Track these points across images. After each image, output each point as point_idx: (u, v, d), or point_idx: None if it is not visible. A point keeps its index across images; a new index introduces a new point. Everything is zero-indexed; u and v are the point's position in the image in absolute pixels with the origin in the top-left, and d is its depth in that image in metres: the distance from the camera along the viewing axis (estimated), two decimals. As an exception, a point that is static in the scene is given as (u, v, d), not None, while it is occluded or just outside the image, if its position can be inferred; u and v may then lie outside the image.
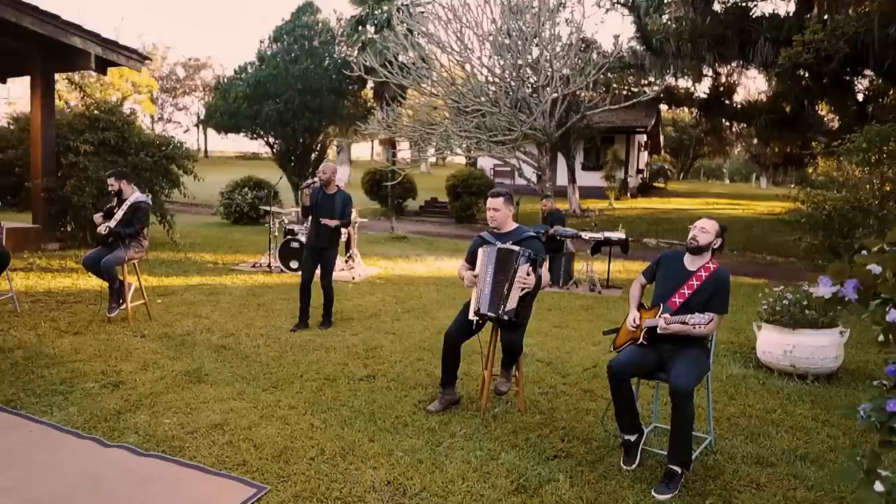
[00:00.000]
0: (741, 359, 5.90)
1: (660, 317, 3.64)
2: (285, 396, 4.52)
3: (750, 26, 22.60)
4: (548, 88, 12.98)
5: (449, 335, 4.38)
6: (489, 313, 4.10)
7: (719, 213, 25.07)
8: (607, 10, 20.73)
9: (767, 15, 22.82)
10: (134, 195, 6.14)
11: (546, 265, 4.32)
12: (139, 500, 3.14)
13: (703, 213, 26.02)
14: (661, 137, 40.97)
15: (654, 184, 38.83)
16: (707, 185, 48.03)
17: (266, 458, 3.59)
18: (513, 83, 12.90)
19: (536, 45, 12.82)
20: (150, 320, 6.37)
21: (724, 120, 30.21)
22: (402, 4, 15.63)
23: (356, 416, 4.23)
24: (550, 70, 12.78)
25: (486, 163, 26.55)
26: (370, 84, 19.55)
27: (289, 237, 9.35)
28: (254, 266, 9.82)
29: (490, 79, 13.58)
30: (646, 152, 37.18)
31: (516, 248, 4.12)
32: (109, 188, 6.10)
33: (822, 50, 11.82)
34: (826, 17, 20.41)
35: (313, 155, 17.89)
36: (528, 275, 4.07)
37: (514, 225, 4.46)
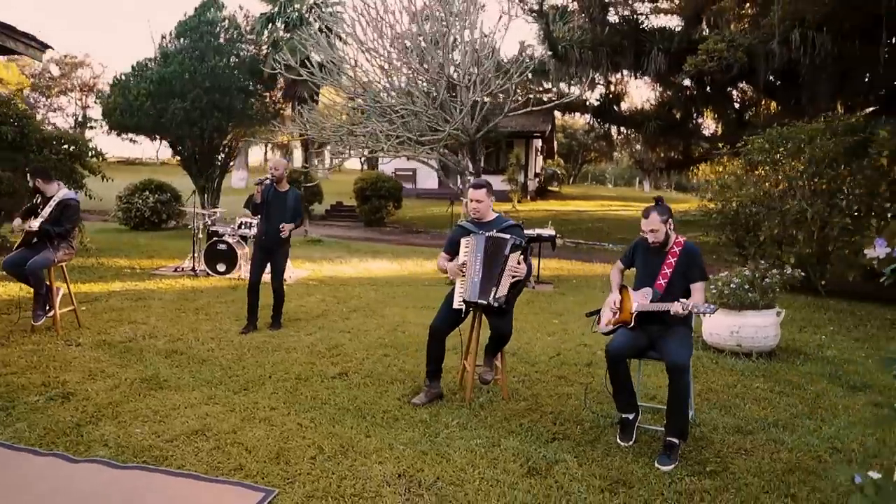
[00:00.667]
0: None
1: (678, 301, 3.64)
2: (261, 398, 4.26)
3: (644, 37, 24.08)
4: (468, 91, 13.15)
5: (435, 328, 4.30)
6: (480, 301, 4.07)
7: (615, 215, 26.49)
8: (515, 16, 21.23)
9: (659, 28, 24.41)
10: (61, 192, 5.56)
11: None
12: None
13: (601, 215, 27.41)
14: (555, 143, 42.67)
15: (549, 187, 40.30)
16: (596, 189, 50.49)
17: (263, 460, 3.35)
18: (429, 85, 12.95)
19: (440, 49, 12.88)
20: (79, 328, 5.79)
21: (614, 126, 31.93)
22: (314, 3, 15.28)
23: (343, 413, 4.05)
24: (471, 73, 12.96)
25: (386, 167, 26.32)
26: (279, 84, 18.92)
27: (215, 239, 8.84)
28: (176, 270, 9.19)
29: (409, 81, 13.56)
30: (541, 157, 38.53)
31: (506, 236, 4.13)
32: (36, 185, 5.48)
33: (724, 59, 12.77)
34: (710, 31, 22.15)
35: (220, 156, 17.03)
36: (518, 263, 4.08)
37: (494, 214, 4.46)
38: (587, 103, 27.87)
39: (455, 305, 4.26)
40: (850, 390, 4.85)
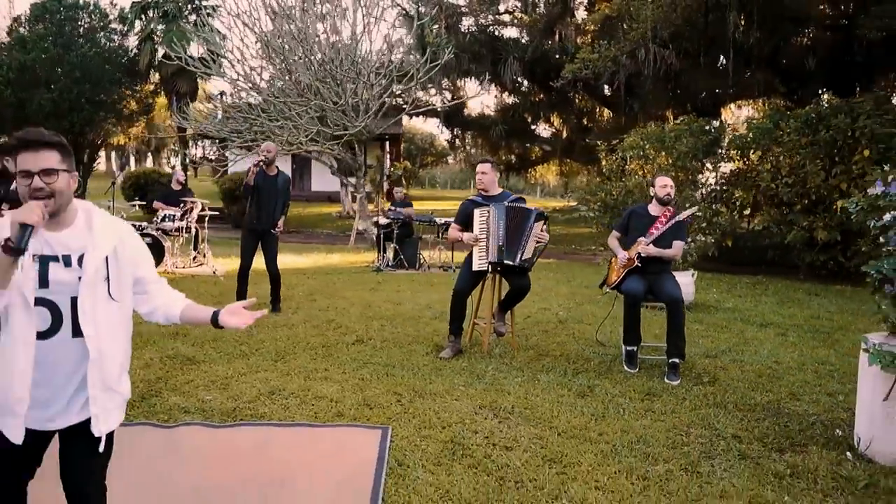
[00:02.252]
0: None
1: (644, 244, 4.52)
2: (303, 363, 4.45)
3: (500, 46, 25.76)
4: (362, 90, 13.44)
5: (459, 289, 4.77)
6: (507, 262, 4.61)
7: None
8: (384, 20, 21.77)
9: (513, 38, 26.27)
10: None
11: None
12: (274, 465, 3.04)
13: (446, 211, 28.83)
14: (402, 146, 43.73)
15: (402, 191, 41.21)
16: (437, 191, 52.40)
17: (353, 408, 3.64)
18: (318, 83, 12.95)
19: (303, 48, 12.77)
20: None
21: (460, 130, 33.55)
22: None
23: (389, 368, 4.40)
24: (362, 74, 13.23)
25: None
26: (154, 78, 17.58)
27: (139, 233, 8.37)
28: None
29: (282, 78, 13.27)
30: (388, 159, 39.32)
31: (530, 207, 4.72)
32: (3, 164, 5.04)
33: (595, 68, 14.36)
34: (560, 44, 24.30)
35: (86, 152, 15.64)
36: (542, 231, 4.69)
37: (499, 189, 5.03)
38: (439, 108, 29.09)
39: (475, 268, 4.76)
40: (759, 327, 6.10)
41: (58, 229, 1.82)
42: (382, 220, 10.35)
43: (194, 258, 9.17)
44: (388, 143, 33.26)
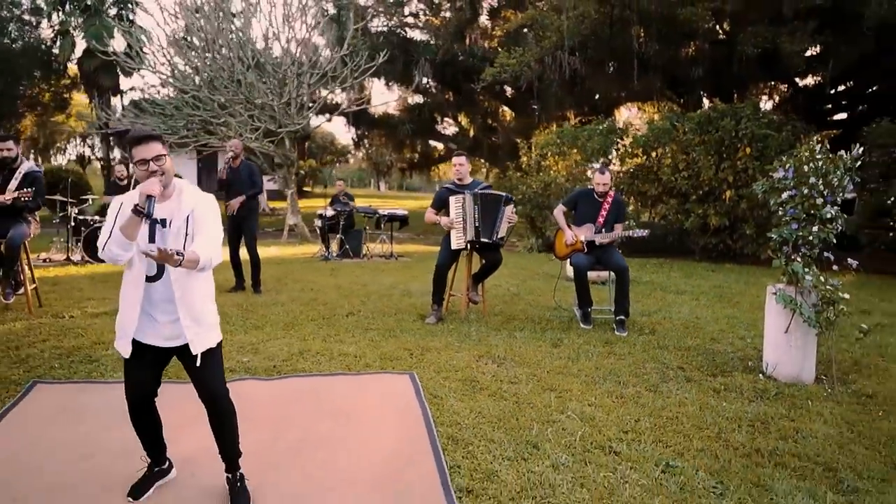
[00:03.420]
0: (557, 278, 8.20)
1: (597, 232, 5.42)
2: (314, 330, 4.98)
3: (412, 48, 26.45)
4: (304, 89, 13.69)
5: (440, 265, 5.46)
6: (484, 239, 5.35)
7: (408, 207, 28.48)
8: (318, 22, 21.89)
9: (424, 41, 27.02)
10: (24, 163, 5.29)
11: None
12: (335, 404, 3.62)
13: (388, 206, 29.36)
14: (305, 144, 43.50)
15: (304, 188, 41.09)
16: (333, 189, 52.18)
17: (376, 360, 4.26)
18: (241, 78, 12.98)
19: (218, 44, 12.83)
20: (40, 307, 5.54)
21: (366, 128, 33.93)
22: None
23: (391, 332, 5.02)
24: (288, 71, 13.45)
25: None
26: (71, 72, 16.63)
27: (95, 226, 8.38)
28: (45, 261, 8.44)
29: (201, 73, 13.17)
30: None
31: (500, 193, 5.47)
32: (4, 154, 5.11)
33: (513, 73, 15.36)
34: (469, 47, 25.31)
35: None
36: (512, 213, 5.45)
37: (471, 179, 5.75)
38: (355, 107, 29.39)
39: (454, 247, 5.46)
40: (676, 294, 7.23)
41: (161, 200, 2.38)
42: (328, 212, 10.78)
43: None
44: (296, 141, 33.02)
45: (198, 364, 2.44)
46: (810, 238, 4.08)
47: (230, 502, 2.52)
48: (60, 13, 16.57)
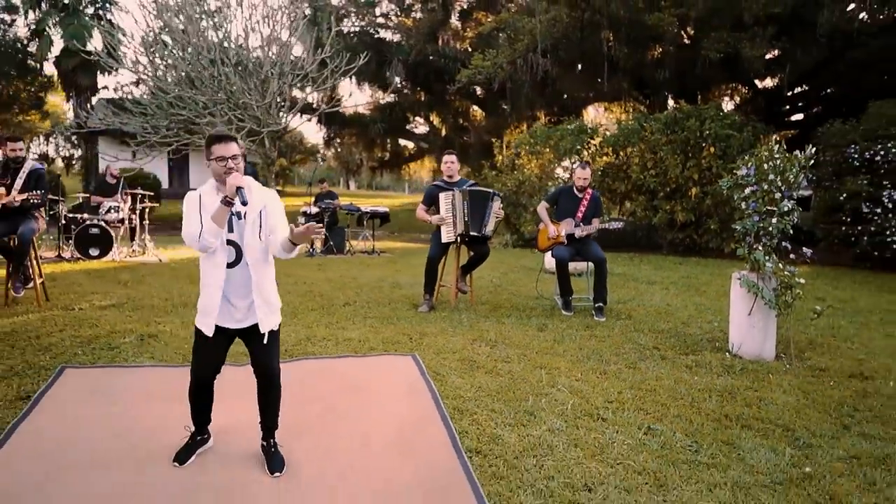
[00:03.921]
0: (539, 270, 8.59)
1: (576, 226, 5.81)
2: (316, 318, 5.25)
3: (385, 49, 26.66)
4: (270, 88, 13.84)
5: (432, 257, 5.79)
6: (474, 233, 5.69)
7: (389, 204, 28.66)
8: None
9: (397, 42, 27.26)
10: (28, 161, 5.44)
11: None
12: (347, 382, 3.92)
13: (362, 204, 29.52)
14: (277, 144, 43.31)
15: (277, 187, 41.01)
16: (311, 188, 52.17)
17: (380, 344, 4.57)
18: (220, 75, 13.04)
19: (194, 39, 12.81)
20: (47, 300, 5.69)
21: (337, 127, 33.95)
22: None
23: (389, 319, 5.33)
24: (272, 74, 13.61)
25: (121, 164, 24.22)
26: (47, 71, 16.38)
27: (86, 224, 8.47)
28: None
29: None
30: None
31: (488, 189, 5.82)
32: (10, 153, 5.25)
33: (487, 74, 15.75)
34: (441, 48, 25.62)
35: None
36: (499, 208, 5.80)
37: (459, 176, 6.08)
38: (319, 107, 29.42)
39: (444, 240, 5.79)
40: (647, 284, 7.69)
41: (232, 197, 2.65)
42: (312, 210, 11.00)
43: (133, 250, 9.30)
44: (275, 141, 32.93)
45: (264, 342, 2.73)
46: (770, 229, 4.52)
47: (267, 465, 2.81)
48: (37, 11, 16.27)
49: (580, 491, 2.68)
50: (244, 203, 2.58)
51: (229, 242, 2.69)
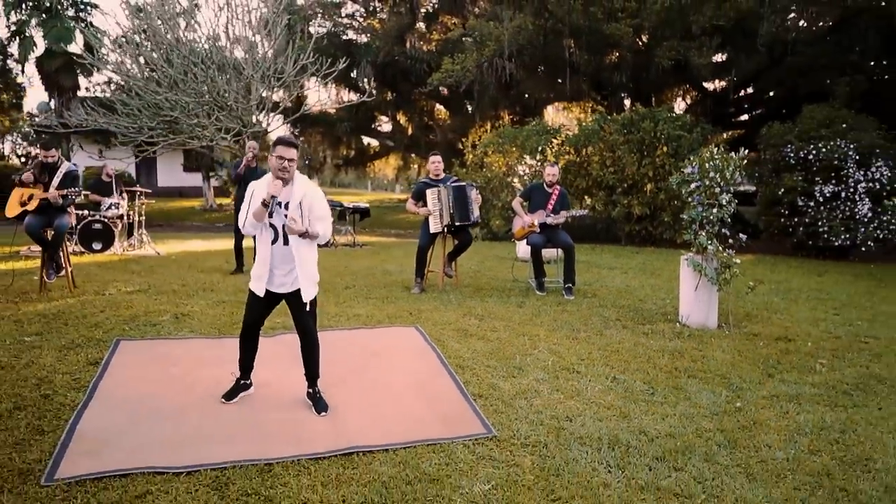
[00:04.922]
0: (512, 260, 9.33)
1: (548, 216, 6.58)
2: (324, 299, 5.78)
3: (354, 50, 27.10)
4: (255, 87, 14.24)
5: (422, 246, 6.45)
6: (463, 222, 6.37)
7: (369, 201, 29.00)
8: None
9: (365, 43, 27.69)
10: (65, 163, 5.90)
11: None
12: (363, 349, 4.58)
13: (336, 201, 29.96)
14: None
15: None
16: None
17: (384, 318, 5.23)
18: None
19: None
20: (75, 287, 6.13)
21: (304, 127, 34.04)
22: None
23: (388, 299, 5.98)
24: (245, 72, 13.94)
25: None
26: (30, 72, 16.24)
27: (89, 219, 8.84)
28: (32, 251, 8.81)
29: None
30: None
31: (465, 182, 6.52)
32: (44, 159, 5.70)
33: (456, 77, 16.44)
34: (410, 49, 26.17)
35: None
36: (476, 195, 6.50)
37: (444, 174, 6.76)
38: (284, 106, 29.51)
39: (432, 231, 6.46)
40: (609, 269, 8.52)
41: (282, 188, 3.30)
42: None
43: (131, 244, 9.67)
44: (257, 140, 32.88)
45: (306, 308, 3.38)
46: (711, 217, 5.34)
47: (314, 408, 3.45)
48: (19, 12, 16.15)
49: (563, 420, 3.41)
50: (271, 214, 3.27)
51: (271, 226, 3.33)
